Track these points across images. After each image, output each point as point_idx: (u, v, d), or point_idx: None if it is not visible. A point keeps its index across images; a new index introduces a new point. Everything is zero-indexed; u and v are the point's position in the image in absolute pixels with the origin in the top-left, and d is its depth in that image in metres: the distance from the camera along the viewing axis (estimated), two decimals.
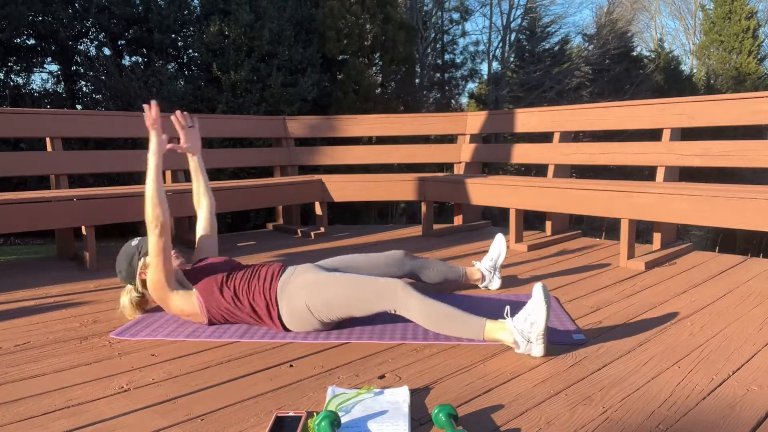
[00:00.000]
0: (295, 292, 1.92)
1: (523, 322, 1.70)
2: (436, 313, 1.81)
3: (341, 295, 1.88)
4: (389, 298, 1.84)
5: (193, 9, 7.46)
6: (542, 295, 1.66)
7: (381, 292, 1.85)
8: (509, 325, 1.73)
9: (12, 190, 4.23)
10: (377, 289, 1.86)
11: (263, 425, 1.33)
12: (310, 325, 1.94)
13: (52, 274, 2.98)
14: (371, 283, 1.88)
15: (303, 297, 1.91)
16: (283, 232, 4.32)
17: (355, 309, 1.89)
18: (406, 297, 1.82)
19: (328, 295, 1.89)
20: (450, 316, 1.80)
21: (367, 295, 1.86)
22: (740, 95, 3.13)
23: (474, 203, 3.70)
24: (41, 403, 1.46)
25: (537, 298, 1.68)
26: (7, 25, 5.99)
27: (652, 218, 2.83)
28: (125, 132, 3.88)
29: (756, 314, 2.11)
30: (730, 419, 1.34)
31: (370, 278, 1.90)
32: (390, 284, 1.86)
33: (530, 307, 1.70)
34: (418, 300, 1.82)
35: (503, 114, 4.64)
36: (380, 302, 1.85)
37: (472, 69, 14.51)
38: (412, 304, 1.82)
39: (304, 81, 7.46)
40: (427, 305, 1.81)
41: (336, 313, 1.91)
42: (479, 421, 1.35)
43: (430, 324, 1.83)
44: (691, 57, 22.10)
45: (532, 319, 1.68)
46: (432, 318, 1.81)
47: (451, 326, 1.81)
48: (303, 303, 1.91)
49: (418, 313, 1.82)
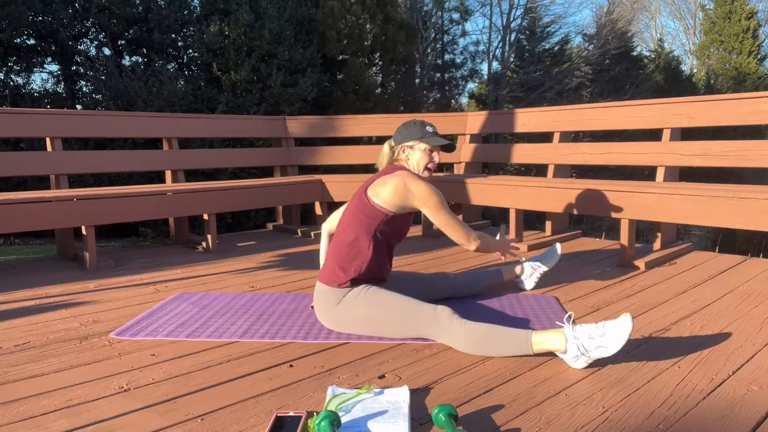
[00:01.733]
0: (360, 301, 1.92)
1: (589, 339, 1.59)
2: (479, 335, 1.72)
3: (383, 318, 1.87)
4: (431, 324, 1.80)
5: (193, 9, 7.46)
6: (628, 329, 1.56)
7: (423, 317, 1.81)
8: (568, 332, 1.63)
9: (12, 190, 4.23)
10: (421, 314, 1.82)
11: (263, 425, 1.33)
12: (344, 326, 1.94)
13: (52, 274, 2.98)
14: (417, 309, 1.84)
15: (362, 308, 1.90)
16: (283, 232, 4.32)
17: (389, 332, 1.88)
18: (450, 322, 1.76)
19: (372, 314, 1.88)
20: (493, 336, 1.71)
21: (409, 321, 1.83)
22: (740, 95, 3.13)
23: (474, 203, 3.70)
24: (41, 403, 1.46)
25: (622, 329, 1.57)
26: (7, 25, 5.99)
27: (652, 218, 2.83)
28: (125, 132, 3.88)
29: (756, 314, 2.11)
30: (730, 419, 1.34)
31: (417, 302, 1.86)
32: (435, 310, 1.81)
33: (607, 332, 1.58)
34: (460, 325, 1.75)
35: (503, 114, 4.64)
36: (419, 328, 1.82)
37: (472, 69, 14.52)
38: (454, 330, 1.75)
39: (304, 81, 7.46)
40: (469, 329, 1.73)
41: (368, 330, 1.90)
42: (479, 421, 1.35)
43: (474, 349, 1.73)
44: (691, 57, 22.10)
45: (603, 344, 1.57)
46: (476, 343, 1.72)
47: (496, 347, 1.70)
48: (360, 313, 1.90)
49: (460, 340, 1.75)
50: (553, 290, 2.51)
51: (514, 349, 1.68)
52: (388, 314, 1.86)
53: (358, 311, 1.90)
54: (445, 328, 1.77)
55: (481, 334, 1.72)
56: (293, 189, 3.95)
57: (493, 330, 1.72)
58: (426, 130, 2.09)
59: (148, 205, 3.24)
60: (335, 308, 1.94)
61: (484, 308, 2.23)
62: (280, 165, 4.58)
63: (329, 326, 1.98)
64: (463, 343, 1.74)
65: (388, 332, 1.88)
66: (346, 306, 1.92)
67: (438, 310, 1.80)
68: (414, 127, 2.09)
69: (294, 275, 2.88)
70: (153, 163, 3.94)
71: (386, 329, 1.88)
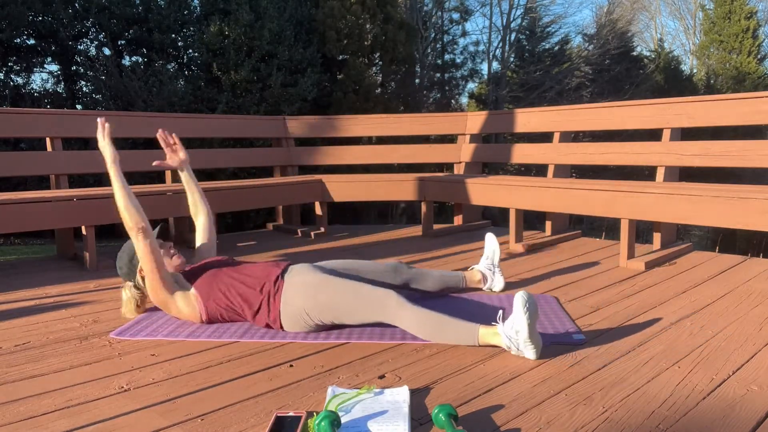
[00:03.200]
0: (292, 292, 1.93)
1: (510, 329, 1.71)
2: (428, 322, 1.80)
3: (336, 301, 1.89)
4: (381, 308, 1.84)
5: (193, 9, 7.46)
6: (521, 304, 1.66)
7: (374, 302, 1.85)
8: (500, 330, 1.74)
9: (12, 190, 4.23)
10: (371, 298, 1.86)
11: (263, 425, 1.33)
12: (305, 326, 1.94)
13: (52, 274, 2.98)
14: (367, 293, 1.87)
15: (300, 298, 1.91)
16: (283, 232, 4.32)
17: (346, 317, 1.90)
18: (398, 307, 1.82)
19: (324, 298, 1.89)
20: (442, 324, 1.79)
21: (361, 304, 1.86)
22: (740, 95, 3.13)
23: (474, 203, 3.70)
24: (41, 403, 1.46)
25: (517, 307, 1.68)
26: (7, 25, 5.99)
27: (652, 218, 2.83)
28: (125, 132, 3.88)
29: (756, 314, 2.11)
30: (730, 419, 1.34)
31: (367, 286, 1.90)
32: (384, 294, 1.85)
33: (513, 315, 1.70)
34: (410, 310, 1.81)
35: (503, 114, 4.64)
36: (373, 313, 1.86)
37: (472, 69, 14.52)
38: (404, 314, 1.82)
39: (304, 81, 7.46)
40: (419, 315, 1.81)
41: (327, 316, 1.91)
42: (479, 421, 1.35)
43: (423, 334, 1.82)
44: (691, 57, 22.10)
45: (517, 328, 1.69)
46: (425, 328, 1.81)
47: (446, 335, 1.80)
48: (299, 304, 1.91)
49: (410, 324, 1.82)
50: (553, 290, 2.51)
51: (460, 339, 1.80)
52: (339, 298, 1.88)
53: (302, 302, 1.90)
54: (394, 313, 1.83)
55: (431, 322, 1.80)
56: (293, 189, 3.95)
57: (442, 319, 1.80)
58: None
59: (148, 205, 3.23)
60: (284, 310, 1.94)
61: (478, 306, 2.22)
62: (280, 165, 4.58)
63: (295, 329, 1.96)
64: (414, 328, 1.82)
65: (340, 317, 1.90)
66: (293, 301, 1.92)
67: (386, 295, 1.85)
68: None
69: None
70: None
71: (338, 314, 1.89)
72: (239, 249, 3.61)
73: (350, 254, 3.41)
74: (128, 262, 2.13)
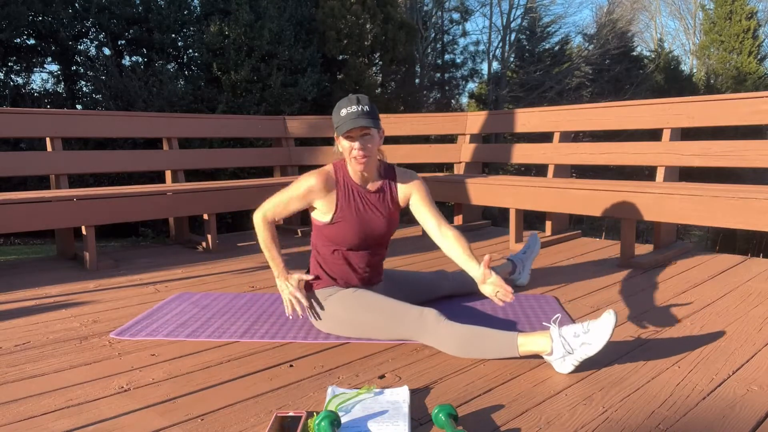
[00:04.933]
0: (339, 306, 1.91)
1: (574, 336, 1.57)
2: (464, 338, 1.70)
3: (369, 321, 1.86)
4: (418, 327, 1.77)
5: (193, 9, 7.46)
6: (612, 324, 1.54)
7: (410, 321, 1.78)
8: (554, 332, 1.60)
9: (12, 190, 4.23)
10: (407, 317, 1.79)
11: (263, 425, 1.33)
12: (330, 327, 1.94)
13: (52, 274, 2.98)
14: (403, 312, 1.81)
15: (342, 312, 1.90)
16: (284, 232, 4.32)
17: (375, 334, 1.87)
18: (436, 324, 1.74)
19: (358, 317, 1.87)
20: (479, 338, 1.69)
21: (395, 324, 1.81)
22: (740, 95, 3.13)
23: (474, 203, 3.70)
24: (41, 403, 1.46)
25: (605, 325, 1.55)
26: (7, 25, 5.99)
27: (652, 218, 2.83)
28: (125, 132, 3.88)
29: (756, 314, 2.11)
30: (730, 419, 1.34)
31: (404, 305, 1.84)
32: (422, 313, 1.78)
33: (591, 328, 1.57)
34: (447, 326, 1.72)
35: (503, 114, 4.64)
36: (406, 332, 1.80)
37: (472, 69, 14.53)
38: (440, 331, 1.73)
39: (304, 81, 7.46)
40: (456, 331, 1.71)
41: (356, 332, 1.89)
42: (479, 421, 1.35)
43: (460, 352, 1.72)
44: (691, 57, 22.11)
45: (587, 341, 1.55)
46: (462, 346, 1.70)
47: (483, 349, 1.69)
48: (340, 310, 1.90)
49: (447, 342, 1.72)
50: (553, 290, 2.51)
51: (500, 351, 1.67)
52: (373, 317, 1.85)
53: (342, 314, 1.90)
54: (431, 331, 1.75)
55: (467, 336, 1.70)
56: None
57: (479, 332, 1.70)
58: (340, 115, 1.84)
59: (148, 205, 3.24)
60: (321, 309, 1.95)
61: (480, 310, 2.23)
62: (280, 165, 4.58)
63: (317, 325, 1.98)
64: (449, 345, 1.72)
65: (374, 334, 1.87)
66: (330, 308, 1.92)
67: (424, 313, 1.78)
68: (336, 113, 1.86)
69: None
70: (153, 163, 3.94)
71: (371, 331, 1.87)
72: (239, 249, 3.61)
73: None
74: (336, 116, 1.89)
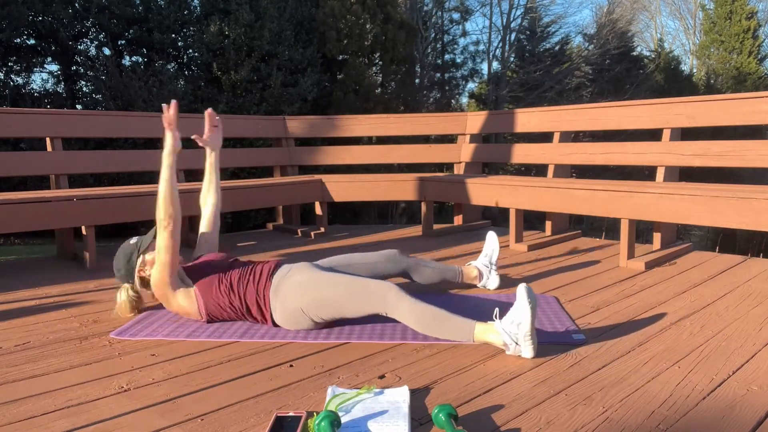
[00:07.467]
0: (288, 291, 1.94)
1: (510, 323, 1.69)
2: (425, 316, 1.80)
3: (332, 296, 1.89)
4: (380, 300, 1.84)
5: (193, 9, 7.47)
6: (525, 295, 1.65)
7: (372, 294, 1.85)
8: (497, 327, 1.72)
9: (12, 190, 4.23)
10: (369, 290, 1.86)
11: (263, 425, 1.33)
12: (302, 324, 1.95)
13: (52, 274, 2.98)
14: (363, 285, 1.88)
15: (295, 296, 1.92)
16: (283, 232, 4.32)
17: (346, 310, 1.90)
18: (397, 299, 1.82)
19: (320, 295, 1.90)
20: (439, 319, 1.80)
21: (358, 297, 1.87)
22: (740, 95, 3.13)
23: (474, 203, 3.70)
24: (41, 403, 1.45)
25: (521, 298, 1.67)
26: (7, 25, 5.99)
27: (652, 218, 2.83)
28: (125, 132, 3.88)
29: (756, 314, 2.11)
30: (730, 419, 1.34)
31: (363, 279, 1.91)
32: (382, 286, 1.86)
33: (515, 308, 1.69)
34: (408, 303, 1.82)
35: (503, 114, 4.64)
36: (371, 304, 1.86)
37: (472, 69, 14.53)
38: (402, 306, 1.82)
39: (304, 81, 7.46)
40: (418, 308, 1.81)
41: (327, 312, 1.92)
42: (479, 421, 1.35)
43: (420, 327, 1.82)
44: (691, 57, 22.10)
45: (518, 320, 1.67)
46: (422, 321, 1.81)
47: (441, 329, 1.80)
48: (295, 302, 1.92)
49: (408, 316, 1.82)
50: (553, 290, 2.51)
51: (456, 335, 1.80)
52: (335, 292, 1.89)
53: (297, 301, 1.91)
54: (393, 305, 1.83)
55: (428, 316, 1.81)
56: (293, 189, 3.95)
57: (440, 314, 1.81)
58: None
59: (148, 205, 3.24)
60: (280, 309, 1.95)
61: (475, 305, 2.22)
62: (280, 165, 4.58)
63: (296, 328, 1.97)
64: (411, 321, 1.82)
65: (340, 311, 1.90)
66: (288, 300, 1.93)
67: (385, 287, 1.85)
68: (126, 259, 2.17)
69: None
70: (153, 163, 3.94)
71: (337, 309, 1.90)
72: (239, 249, 3.61)
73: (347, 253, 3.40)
74: (126, 264, 2.14)
